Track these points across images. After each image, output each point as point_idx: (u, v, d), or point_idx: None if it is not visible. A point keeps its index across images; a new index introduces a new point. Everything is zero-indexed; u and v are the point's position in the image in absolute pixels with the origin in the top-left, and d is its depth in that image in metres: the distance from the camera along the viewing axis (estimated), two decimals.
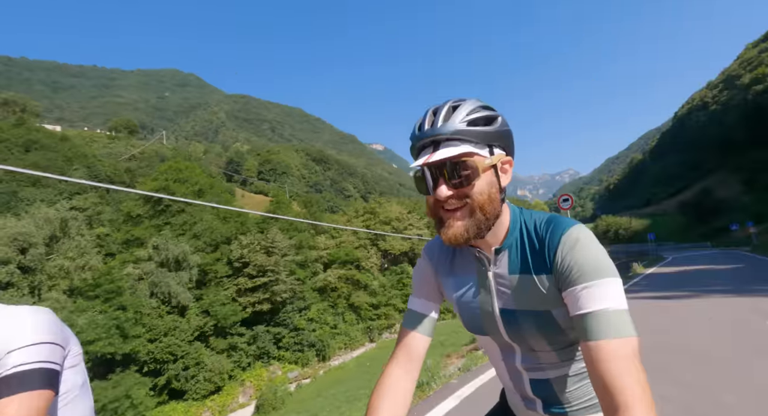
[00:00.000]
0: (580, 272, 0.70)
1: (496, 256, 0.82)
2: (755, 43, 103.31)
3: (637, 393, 0.57)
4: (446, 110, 0.77)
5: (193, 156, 71.65)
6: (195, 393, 21.63)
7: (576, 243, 0.73)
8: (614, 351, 0.60)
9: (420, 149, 0.79)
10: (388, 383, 0.84)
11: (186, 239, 26.59)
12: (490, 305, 0.84)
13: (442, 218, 0.78)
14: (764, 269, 14.79)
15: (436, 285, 0.94)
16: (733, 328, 5.97)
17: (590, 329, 0.64)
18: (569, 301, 0.71)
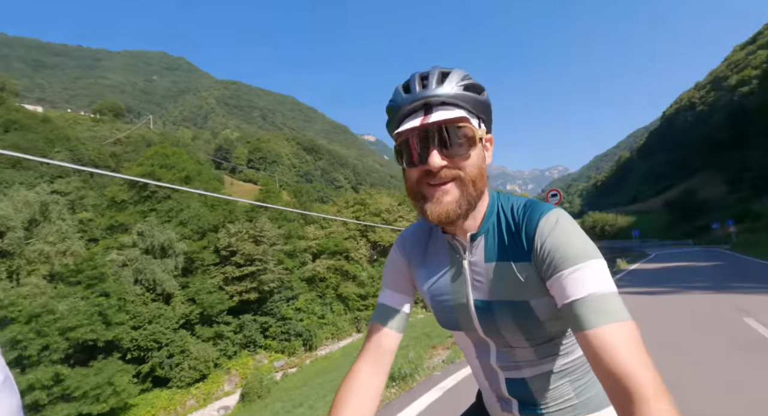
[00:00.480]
0: (563, 256, 0.64)
1: (472, 243, 0.76)
2: (743, 45, 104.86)
3: (649, 380, 0.51)
4: (438, 73, 0.70)
5: (180, 142, 70.27)
6: (179, 381, 21.52)
7: (555, 226, 0.67)
8: (616, 337, 0.55)
9: (406, 114, 0.70)
10: (355, 381, 0.77)
11: (172, 226, 26.16)
12: (465, 296, 0.77)
13: (425, 195, 0.70)
14: (742, 267, 15.20)
15: (408, 277, 0.88)
16: (713, 324, 6.09)
17: (585, 316, 0.58)
18: (556, 289, 0.64)
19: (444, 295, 0.79)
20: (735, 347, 4.67)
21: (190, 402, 21.49)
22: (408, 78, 0.73)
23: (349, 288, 33.78)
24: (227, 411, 21.17)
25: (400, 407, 3.59)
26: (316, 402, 16.27)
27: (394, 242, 0.92)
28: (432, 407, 3.57)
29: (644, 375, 0.52)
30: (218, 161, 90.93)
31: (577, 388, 0.76)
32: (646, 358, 0.54)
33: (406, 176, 0.73)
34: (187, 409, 20.95)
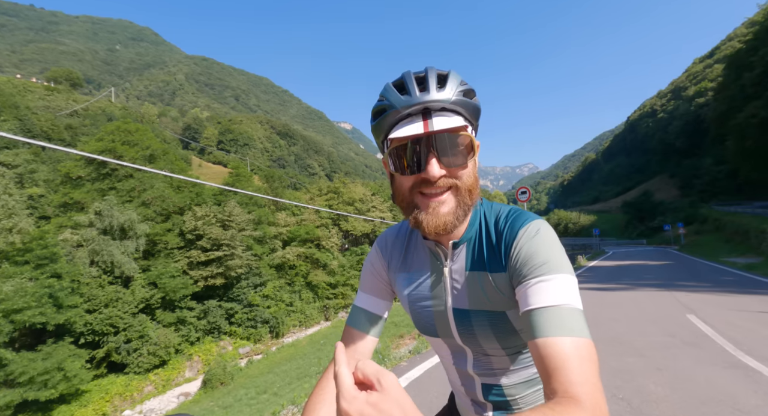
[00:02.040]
0: (535, 265, 0.63)
1: (454, 250, 0.74)
2: (701, 58, 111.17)
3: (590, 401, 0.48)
4: (435, 76, 0.66)
5: (145, 118, 66.52)
6: (137, 367, 20.79)
7: (535, 235, 0.67)
8: (568, 351, 0.53)
9: (402, 118, 0.66)
10: (327, 387, 0.73)
11: (134, 207, 24.87)
12: (444, 304, 0.76)
13: (418, 204, 0.67)
14: (688, 267, 16.39)
15: (387, 281, 0.85)
16: (659, 320, 6.53)
17: (541, 325, 0.57)
18: (520, 295, 0.63)
19: (423, 301, 0.78)
20: (677, 341, 5.04)
21: (148, 388, 20.84)
22: (400, 77, 0.69)
23: (319, 276, 33.63)
24: (187, 397, 20.71)
25: None
26: (281, 389, 16.22)
27: (374, 243, 0.89)
28: None
29: (581, 388, 0.49)
30: (186, 141, 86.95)
31: None
32: (595, 379, 0.51)
33: (397, 182, 0.70)
34: (144, 395, 20.32)
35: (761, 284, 10.46)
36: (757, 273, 12.90)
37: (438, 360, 4.76)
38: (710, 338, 5.11)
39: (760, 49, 30.30)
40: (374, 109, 0.70)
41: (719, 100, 39.25)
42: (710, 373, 3.79)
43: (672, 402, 3.13)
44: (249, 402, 15.41)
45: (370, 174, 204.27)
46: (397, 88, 0.67)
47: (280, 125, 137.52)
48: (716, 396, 3.23)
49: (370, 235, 42.95)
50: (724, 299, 8.19)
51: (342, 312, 35.53)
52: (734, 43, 70.11)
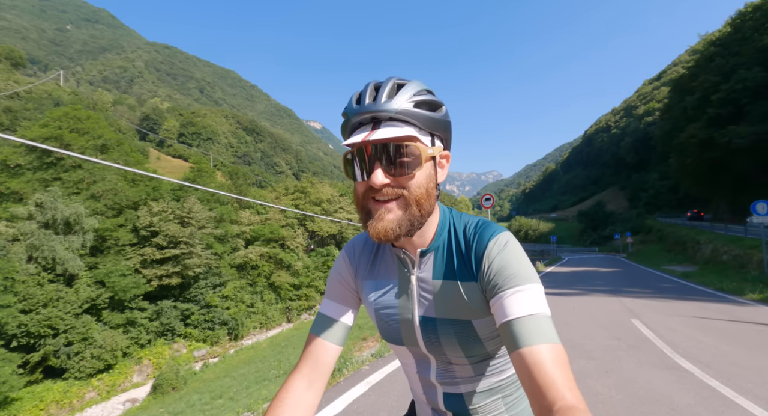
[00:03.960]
0: (507, 276, 0.66)
1: (421, 259, 0.76)
2: (650, 80, 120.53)
3: (570, 396, 0.54)
4: (390, 86, 0.68)
5: (98, 105, 62.21)
6: (78, 372, 19.28)
7: (505, 247, 0.69)
8: (546, 356, 0.58)
9: (356, 126, 0.69)
10: (288, 397, 0.72)
11: (81, 199, 23.12)
12: (410, 312, 0.77)
13: (370, 210, 0.68)
14: (634, 274, 17.58)
15: (354, 289, 0.86)
16: (607, 324, 6.95)
17: (521, 335, 0.60)
18: (497, 307, 0.66)
19: (390, 309, 0.79)
20: (623, 344, 5.39)
21: (90, 394, 19.37)
22: (364, 86, 0.71)
23: (282, 277, 32.86)
24: (135, 404, 19.47)
25: (325, 402, 3.57)
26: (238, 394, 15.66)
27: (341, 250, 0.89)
28: (358, 401, 3.60)
29: (567, 392, 0.54)
30: (144, 132, 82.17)
31: (507, 403, 0.80)
32: (570, 378, 0.57)
33: (355, 188, 0.72)
34: (85, 402, 18.85)
35: (696, 291, 11.42)
36: (692, 281, 14.07)
37: (399, 365, 4.78)
38: (651, 341, 5.50)
39: (699, 76, 33.18)
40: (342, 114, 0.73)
41: (665, 120, 42.55)
42: (650, 375, 4.07)
43: (616, 403, 3.33)
44: (202, 408, 14.73)
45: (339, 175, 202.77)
46: (356, 98, 0.70)
47: (246, 120, 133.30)
48: (655, 396, 3.48)
49: (337, 236, 42.58)
50: (664, 305, 8.85)
51: (305, 314, 34.90)
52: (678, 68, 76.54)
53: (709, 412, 3.09)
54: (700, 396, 3.44)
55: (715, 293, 10.80)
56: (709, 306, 8.55)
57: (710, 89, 30.51)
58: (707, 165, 30.41)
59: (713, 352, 4.85)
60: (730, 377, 3.89)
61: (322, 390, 0.78)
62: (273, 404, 0.71)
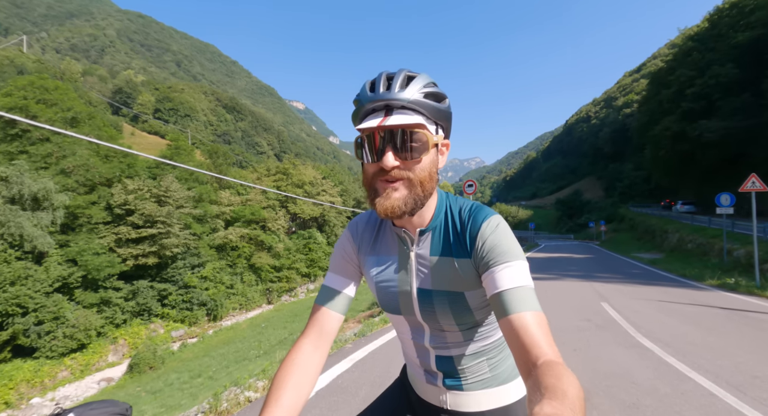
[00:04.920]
0: (499, 254, 0.75)
1: (420, 237, 0.84)
2: (630, 72, 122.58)
3: (551, 352, 0.61)
4: (402, 77, 0.75)
5: (66, 75, 58.64)
6: (50, 351, 18.89)
7: (496, 228, 0.78)
8: (531, 321, 0.66)
9: (369, 112, 0.76)
10: (296, 358, 0.81)
11: (50, 174, 22.10)
12: (409, 284, 0.85)
13: (377, 189, 0.76)
14: (606, 261, 18.37)
15: (356, 263, 0.94)
16: (580, 307, 7.31)
17: (510, 303, 0.68)
18: (489, 280, 0.74)
19: (390, 282, 0.87)
20: (591, 325, 5.71)
21: (63, 373, 19.07)
22: (376, 75, 0.78)
23: (263, 259, 32.68)
24: (110, 383, 19.31)
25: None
26: (217, 373, 15.75)
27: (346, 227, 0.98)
28: (342, 377, 3.72)
29: (548, 350, 0.62)
30: (117, 106, 78.36)
31: (491, 365, 0.90)
32: (551, 339, 0.65)
33: (364, 169, 0.78)
34: (57, 381, 18.56)
35: (661, 277, 12.08)
36: (658, 267, 14.85)
37: (381, 343, 4.93)
38: (617, 323, 5.85)
39: (677, 70, 34.01)
40: (353, 101, 0.79)
41: (642, 112, 43.68)
42: (614, 353, 4.36)
43: (581, 378, 3.57)
44: (181, 387, 14.77)
45: (322, 157, 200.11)
46: (370, 86, 0.76)
47: (226, 97, 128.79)
48: (618, 371, 3.74)
49: (319, 219, 42.41)
50: (631, 290, 9.35)
51: (286, 296, 34.96)
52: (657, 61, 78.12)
53: (665, 385, 3.37)
54: (658, 371, 3.73)
55: (679, 279, 11.47)
56: (672, 291, 9.10)
57: (686, 83, 31.39)
58: (678, 157, 31.59)
59: (672, 332, 5.22)
60: (686, 354, 4.21)
61: (327, 354, 0.87)
62: (283, 364, 0.80)
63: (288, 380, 0.76)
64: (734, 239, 15.03)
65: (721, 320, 6.01)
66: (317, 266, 37.84)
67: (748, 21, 28.41)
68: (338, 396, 3.25)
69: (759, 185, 9.26)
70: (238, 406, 3.22)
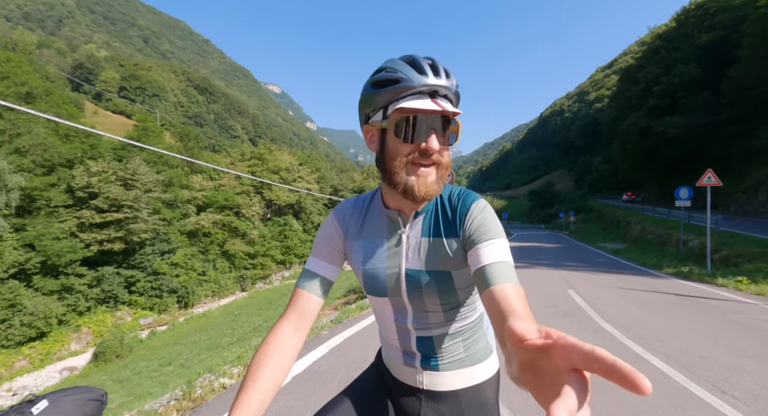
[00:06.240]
0: (485, 231, 0.81)
1: (414, 219, 0.88)
2: (602, 68, 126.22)
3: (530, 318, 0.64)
4: (443, 66, 0.79)
5: (18, 46, 54.25)
6: (6, 340, 17.94)
7: (484, 209, 0.85)
8: (510, 292, 0.70)
9: (413, 93, 0.77)
10: (275, 341, 0.82)
11: (3, 154, 20.60)
12: (398, 266, 0.88)
13: (408, 170, 0.79)
14: (574, 250, 19.18)
15: (341, 248, 0.95)
16: (547, 293, 7.63)
17: (493, 276, 0.73)
18: (474, 256, 0.79)
19: (378, 264, 0.89)
20: (558, 312, 5.99)
21: (21, 363, 18.21)
22: (410, 57, 0.80)
23: (236, 246, 32.02)
24: (73, 372, 18.62)
25: None
26: (188, 361, 15.49)
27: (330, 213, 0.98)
28: (318, 363, 3.75)
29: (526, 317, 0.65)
30: (77, 82, 73.52)
31: (465, 345, 0.95)
32: (528, 309, 0.70)
33: (394, 148, 0.80)
34: (15, 371, 17.71)
35: (623, 265, 12.76)
36: (621, 257, 15.66)
37: (357, 330, 4.99)
38: (582, 309, 6.17)
39: (645, 67, 35.35)
40: (380, 78, 0.79)
41: (612, 107, 45.27)
42: (579, 337, 4.59)
43: None
44: (150, 375, 14.47)
45: (299, 143, 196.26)
46: (413, 67, 0.78)
47: (198, 78, 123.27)
48: None
49: (295, 206, 41.82)
50: (596, 277, 9.84)
51: (260, 283, 34.55)
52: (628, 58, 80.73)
53: None
54: (617, 353, 3.97)
55: (639, 267, 12.16)
56: (632, 279, 9.65)
57: (653, 81, 32.72)
58: (644, 152, 33.11)
59: (631, 317, 5.56)
60: (642, 337, 4.51)
61: (305, 337, 0.88)
62: (262, 346, 0.81)
63: (266, 362, 0.77)
64: (690, 231, 16.02)
65: (675, 305, 6.44)
66: (293, 253, 37.50)
67: (711, 22, 29.76)
68: (315, 381, 3.29)
69: (714, 180, 9.86)
70: (212, 393, 3.19)
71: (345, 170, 60.94)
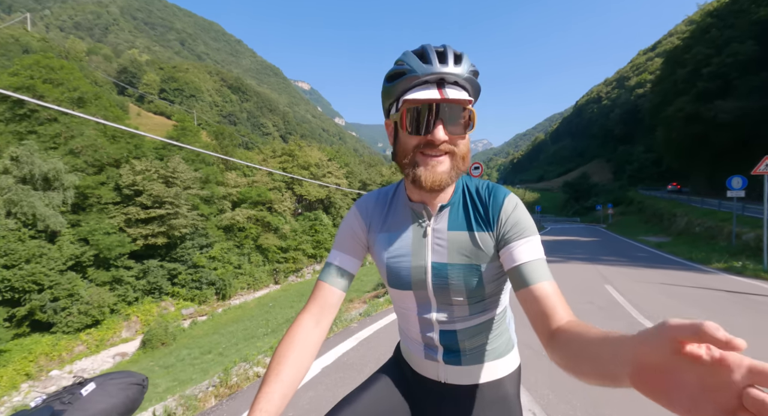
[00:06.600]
0: (520, 230, 0.80)
1: (439, 212, 0.86)
2: (645, 51, 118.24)
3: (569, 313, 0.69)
4: (453, 53, 0.77)
5: (71, 54, 58.16)
6: (66, 326, 19.58)
7: (516, 206, 0.84)
8: (548, 290, 0.72)
9: (419, 84, 0.76)
10: (297, 333, 0.83)
11: (59, 155, 22.31)
12: (423, 259, 0.86)
13: (417, 162, 0.78)
14: (612, 244, 18.31)
15: (363, 242, 0.95)
16: (583, 289, 7.35)
17: (529, 275, 0.74)
18: (508, 254, 0.79)
19: (403, 257, 0.88)
20: (594, 307, 5.75)
21: (79, 348, 19.83)
22: (420, 47, 0.79)
23: (269, 240, 33.07)
24: (124, 357, 20.06)
25: (318, 354, 3.79)
26: (227, 350, 16.21)
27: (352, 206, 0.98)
28: (347, 355, 3.83)
29: (565, 313, 0.69)
30: (122, 85, 77.99)
31: (490, 339, 0.93)
32: (566, 304, 0.72)
33: (403, 140, 0.80)
34: (74, 355, 19.33)
35: (667, 260, 12.05)
36: (664, 251, 14.78)
37: (386, 323, 5.04)
38: (620, 304, 5.89)
39: (693, 48, 32.79)
40: (391, 72, 0.79)
41: (655, 93, 42.44)
42: None
43: None
44: (192, 362, 15.27)
45: (327, 138, 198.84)
46: (419, 57, 0.77)
47: (231, 77, 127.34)
48: None
49: (325, 201, 42.54)
50: (636, 272, 9.36)
51: (292, 276, 35.54)
52: (674, 39, 75.21)
53: None
54: None
55: (685, 262, 11.43)
56: (677, 274, 9.09)
57: (702, 62, 30.32)
58: (690, 139, 30.86)
59: (675, 314, 5.25)
60: None
61: (327, 330, 0.89)
62: (284, 339, 0.82)
63: (288, 355, 0.78)
64: (744, 223, 14.83)
65: (724, 302, 6.02)
66: (323, 247, 38.26)
67: None
68: (344, 372, 3.36)
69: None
70: (247, 381, 3.34)
71: (373, 164, 61.21)
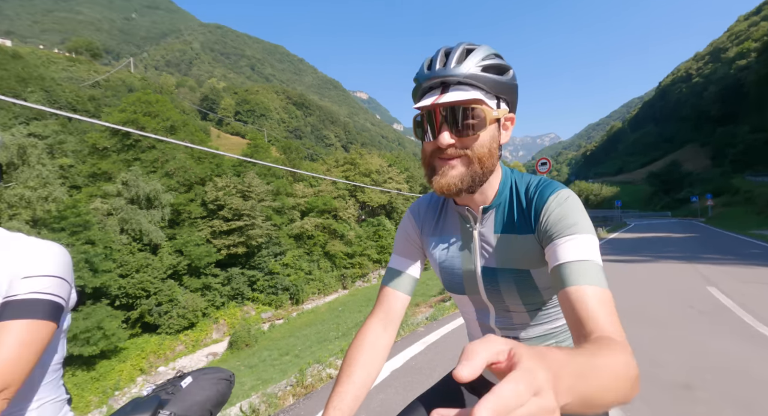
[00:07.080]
0: (563, 226, 0.70)
1: (483, 215, 0.82)
2: (747, 15, 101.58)
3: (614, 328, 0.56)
4: (460, 51, 0.73)
5: (164, 89, 66.79)
6: (168, 328, 22.23)
7: (565, 201, 0.74)
8: (591, 296, 0.60)
9: (426, 90, 0.74)
10: (366, 337, 0.84)
11: (157, 177, 25.64)
12: (473, 263, 0.84)
13: (435, 167, 0.75)
14: (714, 240, 15.92)
15: (419, 245, 0.93)
16: (679, 291, 6.49)
17: (570, 276, 0.64)
18: (551, 252, 0.70)
19: (453, 261, 0.86)
20: (694, 312, 5.04)
21: (180, 347, 22.40)
22: (436, 52, 0.76)
23: (336, 247, 34.38)
24: (216, 357, 22.21)
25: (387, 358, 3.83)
26: (302, 352, 17.11)
27: (407, 210, 0.98)
28: (415, 359, 3.82)
29: (608, 326, 0.56)
30: (204, 112, 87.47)
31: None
32: (614, 316, 0.59)
33: (423, 147, 0.78)
34: (176, 354, 21.90)
35: None
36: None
37: (453, 327, 4.94)
38: (729, 309, 5.09)
39: None
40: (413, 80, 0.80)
41: (762, 62, 36.28)
42: (725, 343, 3.80)
43: (683, 371, 3.19)
44: (273, 363, 16.36)
45: (387, 145, 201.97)
46: (427, 64, 0.75)
47: (295, 95, 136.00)
48: (730, 364, 3.27)
49: (387, 206, 43.16)
50: (747, 272, 8.02)
51: (359, 282, 36.48)
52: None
53: None
54: None
55: None
56: None
57: None
58: None
59: None
60: None
61: (395, 334, 0.89)
62: (354, 343, 0.84)
63: (359, 358, 0.80)
64: None
65: None
66: (387, 252, 38.77)
67: None
68: (412, 376, 3.35)
69: None
70: (321, 381, 3.49)
71: None
